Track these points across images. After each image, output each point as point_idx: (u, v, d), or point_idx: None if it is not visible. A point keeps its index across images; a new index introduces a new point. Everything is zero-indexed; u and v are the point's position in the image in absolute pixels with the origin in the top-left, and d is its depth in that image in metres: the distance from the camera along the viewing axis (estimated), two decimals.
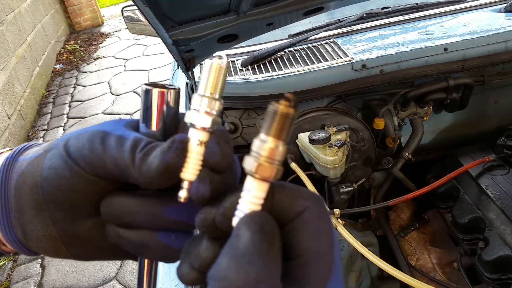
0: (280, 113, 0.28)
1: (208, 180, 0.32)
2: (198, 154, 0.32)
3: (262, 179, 0.29)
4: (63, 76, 6.28)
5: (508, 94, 1.80)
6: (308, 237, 0.29)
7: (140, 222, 0.36)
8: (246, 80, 1.63)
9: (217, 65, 0.32)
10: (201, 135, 0.32)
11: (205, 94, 0.32)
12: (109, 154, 0.34)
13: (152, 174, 0.32)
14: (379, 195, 1.72)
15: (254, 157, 0.29)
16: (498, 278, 1.23)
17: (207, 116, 0.32)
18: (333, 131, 1.48)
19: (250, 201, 0.29)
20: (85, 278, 2.96)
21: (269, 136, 0.28)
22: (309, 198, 0.30)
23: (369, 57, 1.55)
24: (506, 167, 1.43)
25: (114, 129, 0.36)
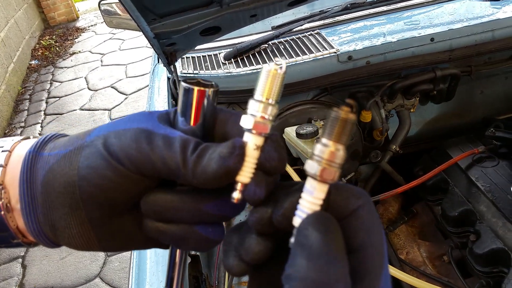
0: (342, 118, 0.29)
1: (264, 183, 0.33)
2: (254, 158, 0.33)
3: (323, 181, 0.30)
4: (39, 72, 6.12)
5: (494, 84, 1.80)
6: (363, 233, 0.31)
7: (180, 217, 0.36)
8: (229, 74, 1.58)
9: (274, 71, 0.33)
10: (258, 140, 0.33)
11: (262, 99, 0.33)
12: (159, 155, 0.34)
13: (209, 177, 0.33)
14: (367, 188, 1.70)
15: (316, 161, 0.30)
16: (489, 271, 1.22)
17: (264, 121, 0.33)
18: (320, 124, 1.44)
19: (312, 201, 0.31)
20: (67, 277, 2.91)
21: (331, 141, 0.30)
22: (361, 197, 0.32)
23: (354, 48, 1.52)
24: (496, 158, 1.41)
25: (156, 127, 0.36)
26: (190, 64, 1.70)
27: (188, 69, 1.66)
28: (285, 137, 1.50)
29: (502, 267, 1.18)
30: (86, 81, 5.51)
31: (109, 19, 2.00)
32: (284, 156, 0.34)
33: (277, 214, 0.32)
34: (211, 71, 1.62)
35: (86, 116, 4.73)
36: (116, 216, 0.37)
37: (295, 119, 1.53)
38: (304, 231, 0.29)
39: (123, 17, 1.96)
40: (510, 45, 1.53)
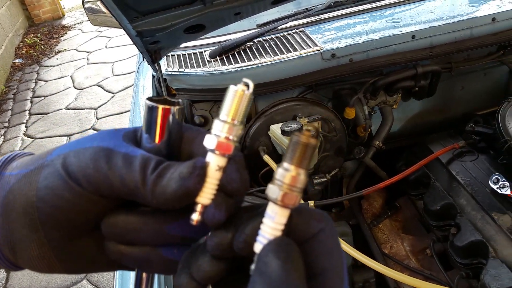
0: (303, 143, 0.29)
1: (224, 206, 0.32)
2: (215, 179, 0.33)
3: (285, 206, 0.30)
4: (23, 71, 6.04)
5: (474, 80, 1.83)
6: (324, 256, 0.31)
7: (142, 240, 0.35)
8: (215, 72, 1.59)
9: (241, 92, 0.32)
10: (220, 160, 0.33)
11: (227, 120, 0.32)
12: (117, 174, 0.33)
13: (168, 197, 0.32)
14: (352, 184, 1.72)
15: (278, 186, 0.30)
16: (469, 263, 1.25)
17: (227, 142, 0.32)
18: (305, 121, 1.46)
19: (273, 227, 0.30)
20: (53, 280, 2.87)
21: (292, 165, 0.30)
22: (322, 220, 0.32)
23: (338, 46, 1.54)
24: (475, 153, 1.45)
25: (117, 145, 0.34)
26: (175, 62, 1.70)
27: (173, 67, 1.66)
28: (271, 134, 1.51)
29: (481, 259, 1.21)
30: (72, 80, 5.45)
31: (94, 17, 1.99)
32: (246, 178, 0.34)
33: (238, 240, 0.31)
34: (196, 69, 1.63)
35: (72, 115, 4.69)
36: (77, 238, 0.36)
37: (280, 117, 1.54)
38: (265, 258, 0.29)
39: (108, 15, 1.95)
40: (487, 42, 1.56)
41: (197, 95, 1.62)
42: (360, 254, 1.14)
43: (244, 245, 0.31)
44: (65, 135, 4.34)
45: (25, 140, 4.43)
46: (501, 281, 1.09)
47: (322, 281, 0.31)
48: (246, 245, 0.31)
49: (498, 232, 1.19)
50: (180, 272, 0.34)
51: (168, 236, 0.35)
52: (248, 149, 1.58)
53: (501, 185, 1.26)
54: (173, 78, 1.63)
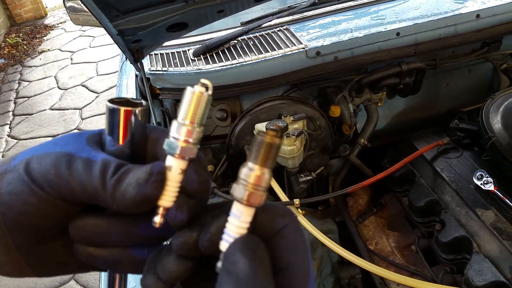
0: (266, 143, 0.29)
1: (186, 207, 0.33)
2: (175, 182, 0.33)
3: (250, 205, 0.31)
4: (5, 71, 5.94)
5: (458, 77, 1.85)
6: (288, 251, 0.32)
7: (111, 241, 0.35)
8: (199, 71, 1.58)
9: (198, 93, 0.32)
10: (179, 163, 0.33)
11: (185, 122, 0.32)
12: (77, 180, 0.33)
13: (128, 203, 0.32)
14: (337, 182, 1.72)
15: (242, 185, 0.30)
16: (454, 258, 1.26)
17: (186, 145, 0.32)
18: (290, 120, 1.46)
19: (238, 225, 0.31)
20: (41, 281, 2.84)
21: (256, 165, 0.30)
22: (286, 216, 0.33)
23: (323, 44, 1.54)
24: (460, 149, 1.46)
25: (79, 150, 0.34)
26: (158, 61, 1.69)
27: (156, 66, 1.64)
28: (256, 133, 1.50)
29: (465, 254, 1.22)
30: (56, 80, 5.38)
31: (76, 16, 1.96)
32: (205, 179, 0.34)
33: (204, 239, 0.32)
34: (180, 68, 1.61)
35: (57, 116, 4.63)
36: (45, 242, 0.36)
37: (265, 115, 1.54)
38: (232, 257, 0.29)
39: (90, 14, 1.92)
40: (471, 39, 1.57)
41: (181, 95, 1.60)
42: (345, 251, 1.14)
43: (209, 243, 0.31)
44: (50, 136, 4.28)
45: (9, 141, 4.36)
46: (484, 275, 1.09)
47: (288, 275, 0.31)
48: (211, 243, 0.31)
49: (481, 228, 1.20)
50: (146, 272, 0.34)
51: (137, 237, 0.35)
52: (233, 148, 1.57)
53: (485, 181, 1.27)
54: (157, 78, 1.61)
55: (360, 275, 1.51)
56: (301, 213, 1.25)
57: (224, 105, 1.65)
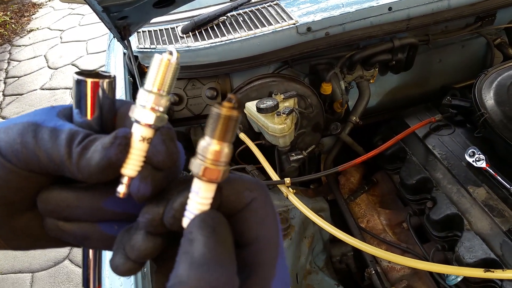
0: (223, 116, 0.28)
1: (150, 179, 0.32)
2: (141, 150, 0.32)
3: (209, 181, 0.30)
4: None
5: (452, 52, 1.82)
6: (256, 225, 0.31)
7: (79, 216, 0.35)
8: (188, 48, 1.54)
9: (166, 61, 0.31)
10: (145, 131, 0.31)
11: (152, 89, 0.31)
12: (43, 149, 0.32)
13: (92, 169, 0.31)
14: (329, 160, 1.71)
15: (200, 160, 0.29)
16: (445, 236, 1.26)
17: (152, 113, 0.31)
18: (280, 98, 1.43)
19: (199, 202, 0.30)
20: (35, 261, 2.86)
21: (214, 139, 0.29)
22: (254, 189, 0.32)
23: (313, 19, 1.50)
24: (452, 126, 1.44)
25: (47, 120, 0.33)
26: (146, 38, 1.65)
27: (144, 44, 1.61)
28: (246, 112, 1.48)
29: (456, 231, 1.22)
30: (45, 59, 5.29)
31: None
32: (173, 150, 0.32)
33: (168, 216, 0.31)
34: (168, 45, 1.58)
35: (47, 95, 4.57)
36: (17, 215, 0.36)
37: (256, 93, 1.51)
38: (189, 235, 0.29)
39: None
40: (465, 13, 1.54)
41: None
42: (336, 230, 1.13)
43: (173, 220, 0.31)
44: None
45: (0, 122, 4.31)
46: (475, 252, 1.09)
47: (255, 249, 0.31)
48: (175, 220, 0.31)
49: (473, 205, 1.20)
50: (115, 252, 0.33)
51: (105, 212, 0.34)
52: None
53: (477, 158, 1.26)
54: (145, 55, 1.58)
55: (352, 252, 1.51)
56: (292, 192, 1.24)
57: (214, 83, 1.62)
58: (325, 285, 1.33)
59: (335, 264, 1.53)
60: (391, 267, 1.34)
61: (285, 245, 1.23)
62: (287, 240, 1.24)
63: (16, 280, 2.77)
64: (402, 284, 1.30)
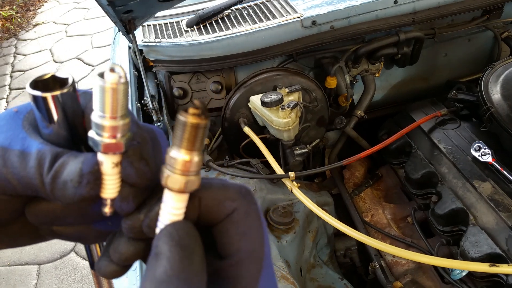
0: (190, 124, 0.26)
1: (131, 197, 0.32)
2: (114, 174, 0.31)
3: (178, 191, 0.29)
4: (0, 45, 5.85)
5: (457, 46, 1.80)
6: (238, 237, 0.30)
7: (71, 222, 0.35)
8: (192, 42, 1.54)
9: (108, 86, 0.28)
10: (111, 158, 0.30)
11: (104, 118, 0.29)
12: (15, 177, 0.31)
13: (69, 201, 0.31)
14: (333, 154, 1.71)
15: (168, 171, 0.28)
16: (450, 230, 1.25)
17: (111, 141, 0.29)
18: (285, 92, 1.43)
19: (169, 212, 0.29)
20: (42, 253, 2.88)
21: (181, 149, 0.27)
22: (236, 199, 0.31)
23: (318, 13, 1.49)
24: (457, 120, 1.43)
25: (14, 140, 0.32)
26: (151, 32, 1.64)
27: (149, 38, 1.61)
28: (251, 106, 1.48)
29: (461, 226, 1.21)
30: (51, 53, 5.30)
31: None
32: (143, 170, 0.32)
33: (144, 225, 0.31)
34: (173, 39, 1.58)
35: None
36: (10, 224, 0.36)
37: (260, 87, 1.51)
38: (155, 249, 0.28)
39: None
40: (471, 6, 1.53)
41: (175, 67, 1.57)
42: (340, 223, 1.13)
43: (148, 230, 0.30)
44: None
45: None
46: (480, 247, 1.09)
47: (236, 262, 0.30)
48: (150, 229, 0.30)
49: (478, 200, 1.19)
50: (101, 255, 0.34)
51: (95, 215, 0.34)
52: (228, 121, 1.55)
53: (483, 152, 1.25)
54: (150, 49, 1.58)
55: (356, 246, 1.51)
56: (296, 186, 1.24)
57: (219, 77, 1.61)
58: (329, 279, 1.33)
59: (339, 258, 1.53)
60: (395, 261, 1.34)
61: (289, 239, 1.23)
62: (291, 234, 1.24)
63: (23, 272, 2.80)
64: (406, 278, 1.29)
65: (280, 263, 1.11)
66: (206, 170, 1.44)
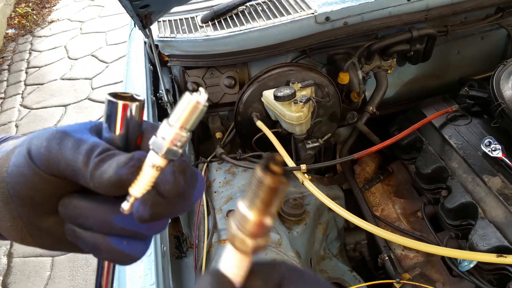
0: (271, 187, 0.27)
1: (150, 203, 0.34)
2: (150, 176, 0.34)
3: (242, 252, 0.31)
4: (16, 41, 5.95)
5: (470, 44, 1.81)
6: None
7: (91, 225, 0.38)
8: (207, 37, 1.57)
9: (194, 103, 0.33)
10: (158, 160, 0.34)
11: (175, 125, 0.33)
12: (64, 154, 0.35)
13: (104, 181, 0.34)
14: (345, 149, 1.72)
15: (235, 227, 0.29)
16: (459, 224, 1.26)
17: (169, 146, 0.34)
18: (298, 87, 1.45)
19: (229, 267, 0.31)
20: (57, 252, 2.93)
21: (255, 210, 0.28)
22: None
23: (332, 9, 1.51)
24: (469, 117, 1.44)
25: (76, 131, 0.37)
26: (166, 27, 1.68)
27: (164, 33, 1.64)
28: (264, 100, 1.50)
29: (470, 220, 1.22)
30: (66, 50, 5.38)
31: None
32: (180, 182, 0.35)
33: None
34: (188, 34, 1.61)
35: (67, 85, 4.66)
36: (44, 217, 0.39)
37: (273, 82, 1.53)
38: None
39: None
40: (485, 4, 1.53)
41: (190, 61, 1.60)
42: (352, 215, 1.15)
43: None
44: (61, 105, 4.32)
45: (21, 110, 4.42)
46: (488, 240, 1.10)
47: None
48: None
49: (488, 194, 1.20)
50: None
51: (115, 227, 0.37)
52: (241, 115, 1.57)
53: (493, 148, 1.26)
54: (165, 44, 1.61)
55: (366, 241, 1.53)
56: (307, 178, 1.26)
57: (232, 72, 1.64)
58: (338, 271, 1.35)
59: (349, 252, 1.55)
60: (404, 255, 1.35)
61: (299, 230, 1.25)
62: (302, 225, 1.27)
63: (37, 264, 2.86)
64: (415, 271, 1.31)
65: (291, 253, 1.14)
66: (219, 162, 1.47)
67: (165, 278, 0.97)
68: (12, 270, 2.86)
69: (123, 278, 0.96)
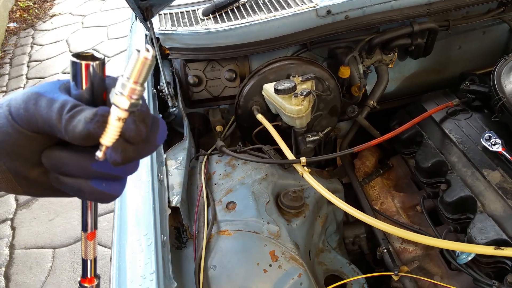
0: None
1: (120, 150, 0.41)
2: (116, 127, 0.40)
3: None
4: (18, 35, 5.96)
5: (472, 39, 1.81)
6: None
7: (73, 172, 0.44)
8: (208, 30, 1.57)
9: (142, 58, 0.39)
10: (120, 113, 0.40)
11: (129, 81, 0.39)
12: (40, 114, 0.41)
13: (76, 135, 0.40)
14: (345, 143, 1.73)
15: None
16: (458, 218, 1.27)
17: (127, 100, 0.40)
18: (298, 80, 1.45)
19: None
20: (56, 237, 2.97)
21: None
22: None
23: (333, 2, 1.51)
24: (469, 111, 1.44)
25: (48, 92, 0.42)
26: (167, 20, 1.68)
27: (166, 26, 1.64)
28: (264, 93, 1.50)
29: (469, 214, 1.23)
30: (67, 44, 5.38)
31: None
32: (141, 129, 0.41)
33: None
34: (189, 27, 1.61)
35: None
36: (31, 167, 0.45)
37: (274, 76, 1.53)
38: None
39: None
40: None
41: (191, 55, 1.60)
42: (351, 208, 1.16)
43: None
44: None
45: None
46: (486, 233, 1.11)
47: None
48: None
49: (487, 188, 1.20)
50: None
51: (94, 172, 0.44)
52: (242, 108, 1.58)
53: (493, 142, 1.26)
54: (166, 37, 1.61)
55: (365, 234, 1.53)
56: (307, 171, 1.26)
57: (233, 66, 1.64)
58: (337, 263, 1.36)
59: (348, 246, 1.55)
60: (403, 248, 1.36)
61: (298, 222, 1.25)
62: (301, 218, 1.27)
63: (38, 255, 2.87)
64: (413, 264, 1.32)
65: (290, 245, 1.14)
66: (219, 155, 1.47)
67: (165, 267, 0.98)
68: (14, 261, 2.88)
69: (123, 266, 0.97)
